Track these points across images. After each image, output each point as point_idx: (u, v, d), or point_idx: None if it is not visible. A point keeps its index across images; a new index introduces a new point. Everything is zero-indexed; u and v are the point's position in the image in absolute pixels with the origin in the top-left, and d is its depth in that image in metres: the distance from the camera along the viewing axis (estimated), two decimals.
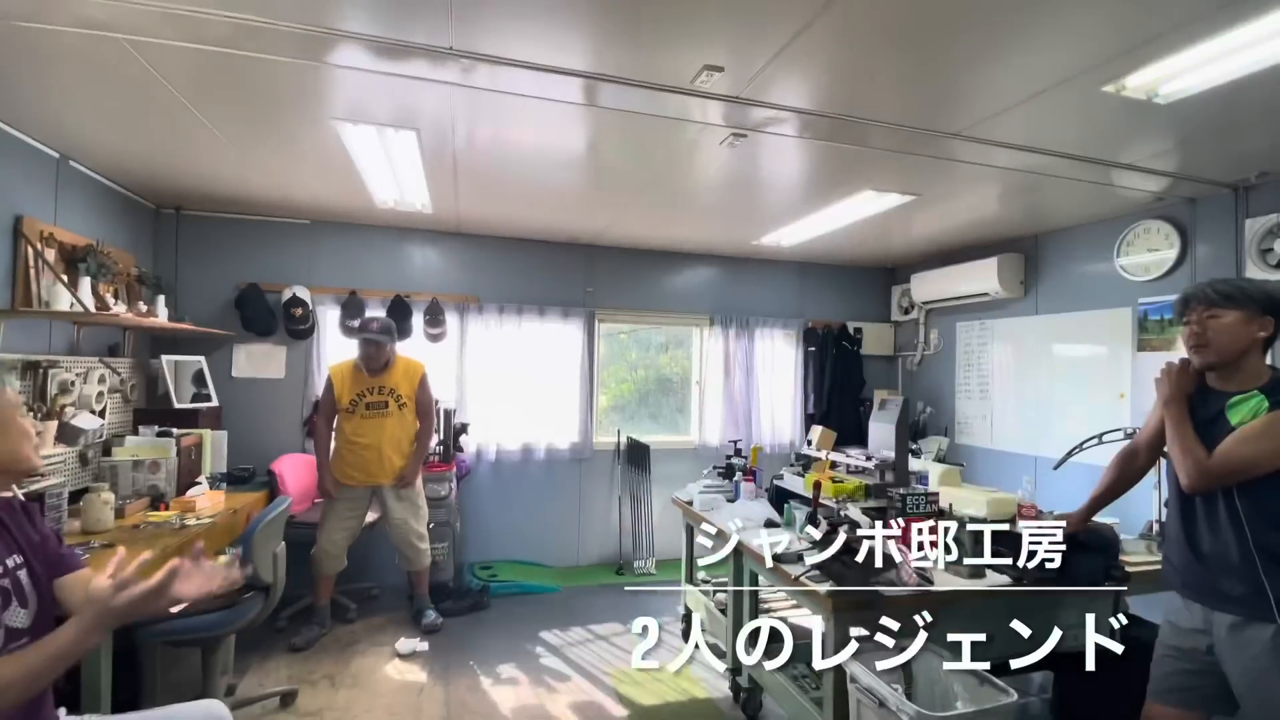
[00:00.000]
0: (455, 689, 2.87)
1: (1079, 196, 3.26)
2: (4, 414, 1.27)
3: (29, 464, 1.31)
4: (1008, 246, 4.20)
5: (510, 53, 1.94)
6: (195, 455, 3.32)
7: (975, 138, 2.50)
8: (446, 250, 4.44)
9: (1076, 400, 3.78)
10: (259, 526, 2.36)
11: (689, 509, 3.22)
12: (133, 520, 2.65)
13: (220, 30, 1.82)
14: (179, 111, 2.41)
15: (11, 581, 1.27)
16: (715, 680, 2.93)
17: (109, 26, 1.80)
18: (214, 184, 3.42)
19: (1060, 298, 3.94)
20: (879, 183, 3.12)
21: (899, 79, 2.10)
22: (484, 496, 4.47)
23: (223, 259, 4.00)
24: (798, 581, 2.11)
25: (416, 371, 3.52)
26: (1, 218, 2.55)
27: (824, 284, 5.26)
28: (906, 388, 5.25)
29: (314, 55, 1.97)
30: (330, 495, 3.38)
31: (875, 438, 3.17)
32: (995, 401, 4.36)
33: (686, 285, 4.95)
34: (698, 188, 3.29)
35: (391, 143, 2.69)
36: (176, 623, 2.23)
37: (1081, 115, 2.31)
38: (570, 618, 3.68)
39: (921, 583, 2.03)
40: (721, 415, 4.90)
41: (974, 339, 4.56)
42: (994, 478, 4.22)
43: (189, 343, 3.82)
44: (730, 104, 2.24)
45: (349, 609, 3.60)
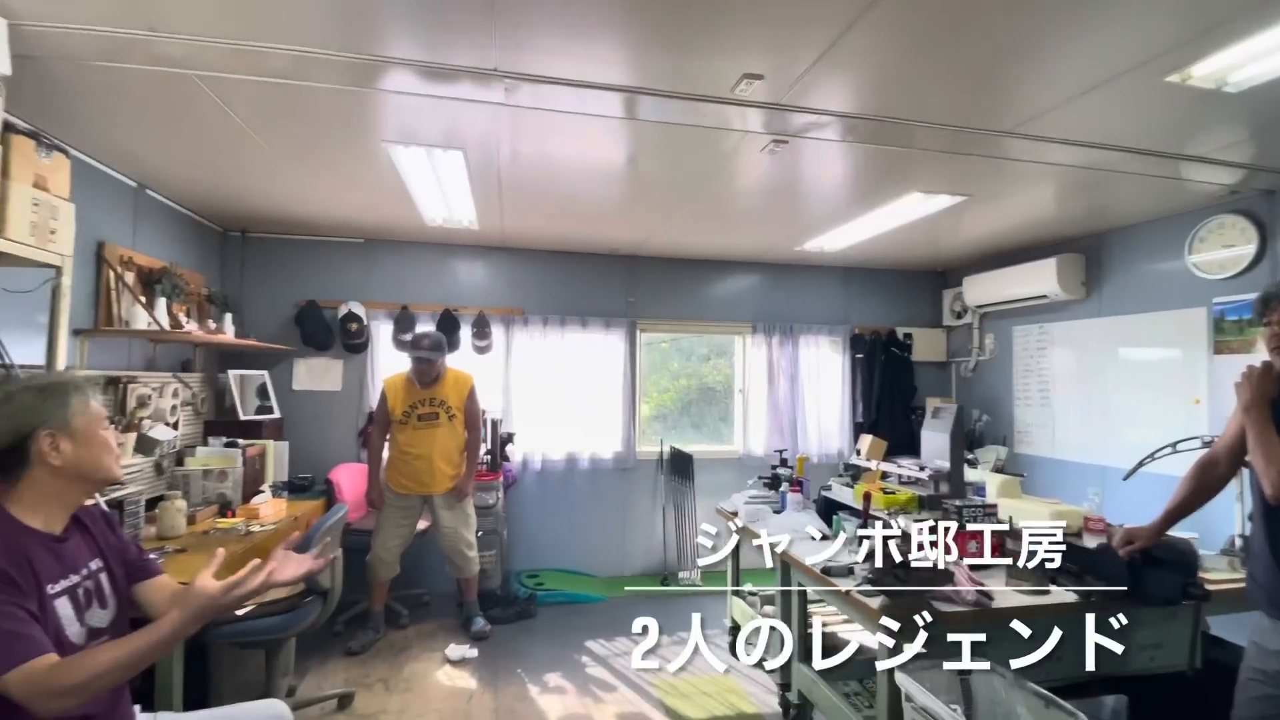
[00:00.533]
0: (504, 696, 2.91)
1: (1144, 192, 3.10)
2: (89, 426, 1.35)
3: (110, 474, 1.39)
4: (1067, 246, 4.03)
5: (552, 71, 1.99)
6: (259, 465, 3.48)
7: (1028, 134, 2.42)
8: (492, 265, 4.55)
9: (1146, 406, 3.58)
10: (317, 533, 2.45)
11: (734, 520, 3.18)
12: (203, 527, 2.80)
13: (281, 62, 1.93)
14: (243, 140, 2.56)
15: (94, 584, 1.36)
16: (763, 695, 2.88)
17: (183, 64, 1.94)
18: (275, 207, 3.60)
19: (1126, 298, 3.74)
20: (927, 184, 3.04)
21: (946, 77, 2.05)
22: (530, 506, 4.53)
23: (284, 278, 4.21)
24: (848, 595, 2.05)
25: (465, 383, 3.61)
26: (86, 244, 2.74)
27: (871, 289, 5.15)
28: (961, 395, 5.07)
29: (366, 82, 2.06)
30: (375, 506, 3.49)
31: (928, 447, 3.07)
32: (1057, 408, 4.16)
33: (728, 293, 4.93)
34: (738, 195, 3.28)
35: (440, 162, 2.78)
36: (243, 625, 2.34)
37: (1144, 107, 2.20)
38: (616, 628, 3.68)
39: (980, 597, 1.95)
40: (766, 424, 4.84)
41: (1032, 343, 4.37)
42: (1058, 489, 4.02)
43: (254, 357, 4.02)
44: (771, 111, 2.23)
45: (402, 615, 3.70)
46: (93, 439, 1.34)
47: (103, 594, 1.37)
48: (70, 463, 1.30)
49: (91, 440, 1.34)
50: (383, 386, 3.58)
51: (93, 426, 1.35)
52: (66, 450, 1.30)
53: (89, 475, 1.35)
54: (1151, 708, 1.87)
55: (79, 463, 1.32)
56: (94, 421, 1.36)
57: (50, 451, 1.28)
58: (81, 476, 1.33)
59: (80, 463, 1.32)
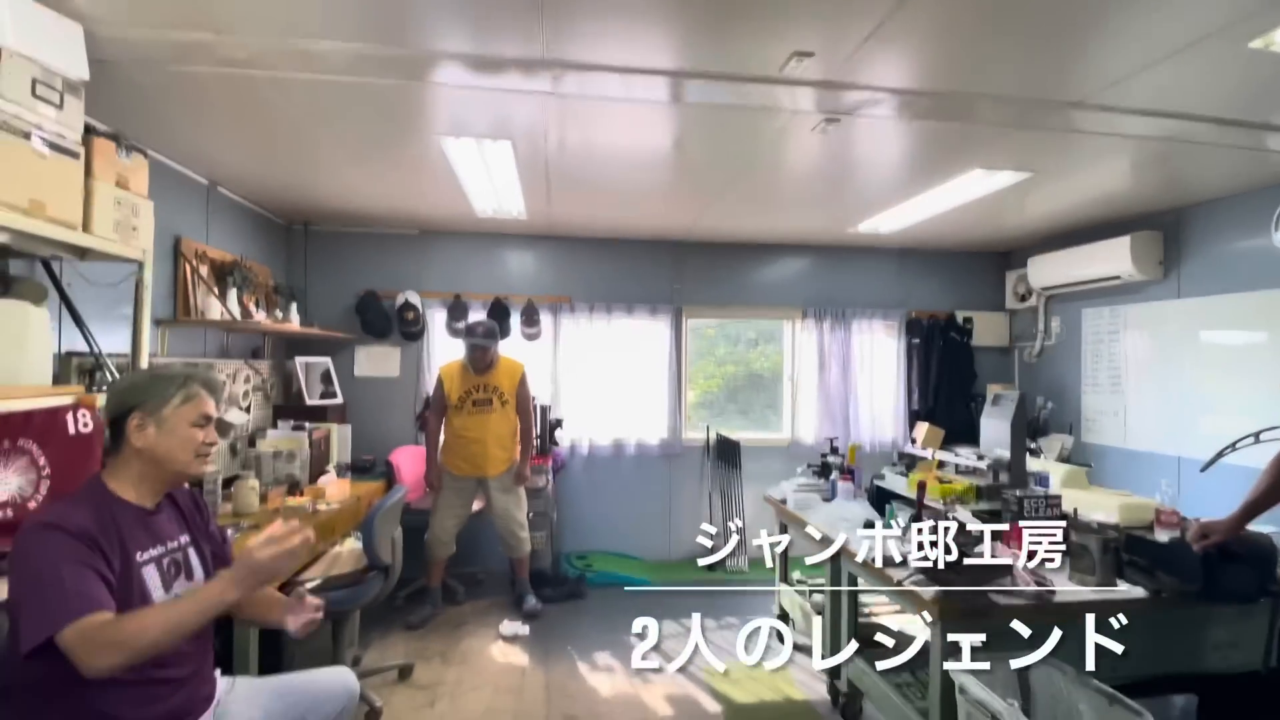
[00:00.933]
0: (555, 673, 2.99)
1: (1226, 164, 2.88)
2: (179, 420, 1.41)
3: (184, 470, 1.45)
4: (1142, 223, 3.78)
5: (598, 58, 1.99)
6: (324, 447, 3.65)
7: (1100, 105, 2.27)
8: (540, 253, 4.62)
9: (1229, 394, 3.34)
10: (379, 513, 2.57)
11: (783, 508, 3.16)
12: (274, 505, 2.97)
13: (340, 60, 1.99)
14: (304, 137, 2.67)
15: (181, 556, 1.46)
16: (813, 683, 2.86)
17: (247, 65, 2.03)
18: (335, 201, 3.75)
19: (1208, 279, 3.49)
20: (989, 161, 2.90)
21: (1009, 47, 1.94)
22: (578, 489, 4.60)
23: (344, 269, 4.38)
24: (900, 585, 2.02)
25: (517, 371, 3.71)
26: (164, 239, 2.92)
27: (928, 271, 4.96)
28: (1024, 381, 4.85)
29: (419, 76, 2.11)
30: (434, 487, 3.63)
31: (988, 435, 2.97)
32: (1129, 396, 3.94)
33: (776, 277, 4.84)
34: (788, 177, 3.21)
35: (489, 153, 2.83)
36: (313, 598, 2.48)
37: (1226, 75, 2.04)
38: (663, 610, 3.68)
39: (1041, 590, 1.88)
40: (816, 412, 4.76)
41: (1103, 327, 4.14)
42: (1128, 480, 3.81)
43: (318, 345, 4.21)
44: (822, 89, 2.17)
45: (458, 592, 3.85)
46: (176, 432, 1.40)
47: (190, 567, 1.48)
48: (149, 447, 1.38)
49: (175, 433, 1.40)
50: (439, 373, 3.70)
51: (182, 421, 1.41)
52: (150, 435, 1.38)
53: (165, 464, 1.41)
54: (1222, 708, 1.77)
55: (156, 450, 1.39)
56: (186, 416, 1.42)
57: (136, 433, 1.37)
58: (158, 463, 1.40)
59: (158, 450, 1.39)
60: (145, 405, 1.39)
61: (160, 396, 1.40)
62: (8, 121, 1.58)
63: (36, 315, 1.82)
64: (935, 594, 1.90)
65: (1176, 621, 1.91)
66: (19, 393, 1.66)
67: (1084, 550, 2.02)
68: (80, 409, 1.80)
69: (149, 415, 1.39)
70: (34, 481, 1.67)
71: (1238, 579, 1.84)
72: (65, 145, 1.75)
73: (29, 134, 1.64)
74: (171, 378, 1.45)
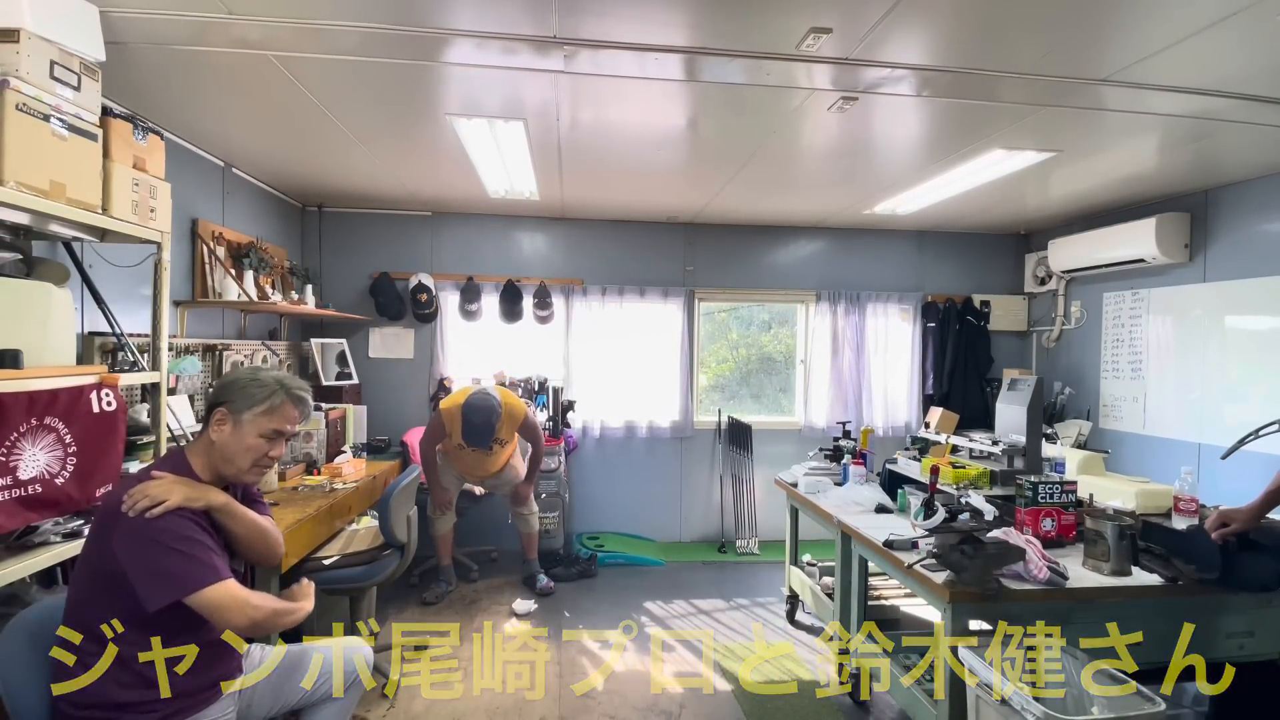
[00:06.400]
0: (566, 650, 3.04)
1: (1259, 143, 2.79)
2: (253, 427, 1.49)
3: (237, 473, 1.53)
4: (1168, 204, 3.69)
5: (611, 35, 1.96)
6: (340, 427, 3.70)
7: (1128, 82, 2.21)
8: (552, 235, 4.60)
9: (1254, 381, 3.28)
10: (395, 492, 2.61)
11: (794, 491, 3.16)
12: (292, 483, 3.03)
13: (351, 40, 1.98)
14: (317, 118, 2.66)
15: None
16: (820, 663, 2.88)
17: (261, 45, 2.02)
18: (348, 182, 3.75)
19: (1236, 262, 3.41)
20: (1010, 140, 2.84)
21: (1034, 21, 1.89)
22: (590, 471, 4.64)
23: (358, 250, 4.40)
24: (911, 570, 2.01)
25: (518, 417, 3.52)
26: (182, 221, 2.95)
27: (946, 254, 4.89)
28: (1042, 366, 4.79)
29: (430, 55, 2.10)
30: (443, 510, 3.64)
31: (1003, 420, 2.93)
32: (1150, 382, 3.87)
33: (790, 260, 4.80)
34: (803, 157, 3.16)
35: (501, 133, 2.82)
36: (331, 573, 2.54)
37: (1259, 50, 1.97)
38: (674, 591, 3.75)
39: (1053, 578, 1.87)
40: (829, 396, 4.74)
41: (1125, 311, 4.06)
42: (1146, 467, 3.77)
43: (333, 326, 4.25)
44: (840, 66, 2.13)
45: (472, 570, 3.91)
46: (246, 437, 1.50)
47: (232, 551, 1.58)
48: (221, 443, 1.49)
49: (244, 437, 1.50)
50: (440, 412, 3.49)
51: (255, 429, 1.50)
52: (224, 432, 1.49)
53: (226, 462, 1.50)
54: (1237, 696, 1.76)
55: (225, 448, 1.49)
56: (260, 426, 1.51)
57: (216, 425, 1.49)
58: (222, 459, 1.50)
59: (226, 448, 1.49)
60: (233, 403, 1.50)
61: (247, 399, 1.50)
62: (28, 104, 1.60)
63: (59, 296, 1.85)
64: (946, 578, 1.90)
65: (1191, 611, 1.90)
66: (44, 372, 1.70)
67: (1099, 536, 2.00)
68: (103, 388, 1.84)
69: (231, 413, 1.50)
70: (60, 459, 1.71)
71: (1257, 568, 1.82)
72: (83, 127, 1.77)
73: (48, 116, 1.66)
74: (264, 384, 1.53)
